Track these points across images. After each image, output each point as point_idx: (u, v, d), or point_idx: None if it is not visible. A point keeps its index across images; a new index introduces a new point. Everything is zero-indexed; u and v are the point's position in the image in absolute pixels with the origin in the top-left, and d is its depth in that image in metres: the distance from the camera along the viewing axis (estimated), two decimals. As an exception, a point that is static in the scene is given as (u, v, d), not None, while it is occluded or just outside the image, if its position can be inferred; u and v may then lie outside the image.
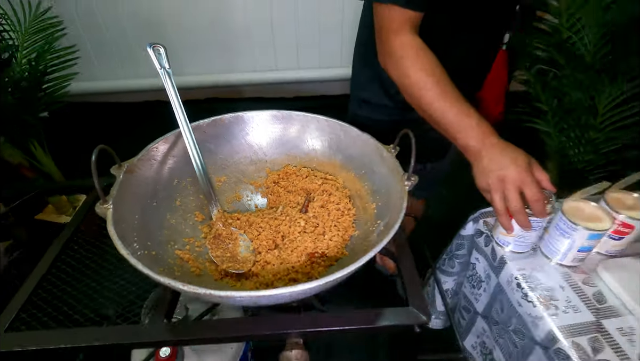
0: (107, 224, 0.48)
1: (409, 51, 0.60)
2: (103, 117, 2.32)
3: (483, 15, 0.72)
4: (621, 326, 0.54)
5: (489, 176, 0.55)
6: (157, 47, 0.63)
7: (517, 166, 0.52)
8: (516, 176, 0.52)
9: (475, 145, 0.56)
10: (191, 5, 1.98)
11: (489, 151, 0.55)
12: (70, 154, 1.59)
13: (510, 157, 0.53)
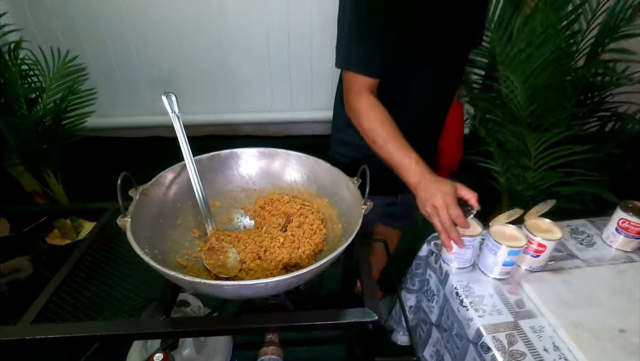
0: (127, 233, 0.62)
1: (365, 107, 0.78)
2: (109, 150, 2.48)
3: (435, 75, 0.91)
4: (533, 326, 0.68)
5: (425, 205, 0.71)
6: (170, 95, 0.80)
7: (443, 193, 0.68)
8: (442, 202, 0.68)
9: (414, 181, 0.72)
10: (196, 51, 2.23)
11: (423, 185, 0.71)
12: (77, 182, 1.73)
13: (437, 187, 0.69)
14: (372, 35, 0.77)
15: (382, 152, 0.77)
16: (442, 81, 0.92)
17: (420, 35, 0.80)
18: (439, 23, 0.81)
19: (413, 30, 0.79)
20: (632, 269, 0.78)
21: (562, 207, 1.06)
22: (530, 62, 0.96)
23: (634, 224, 0.80)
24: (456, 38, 0.85)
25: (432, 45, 0.82)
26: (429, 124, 0.99)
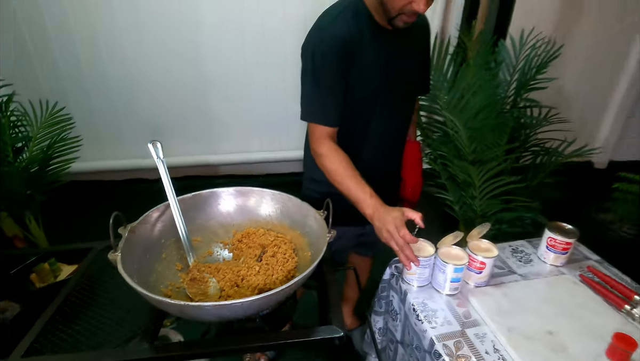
0: (118, 266, 0.70)
1: (326, 152, 0.92)
2: (89, 193, 2.52)
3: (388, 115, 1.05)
4: (477, 333, 0.78)
5: (382, 232, 0.83)
6: (155, 142, 0.90)
7: (393, 219, 0.80)
8: (393, 227, 0.80)
9: (369, 212, 0.85)
10: (177, 98, 2.37)
11: (377, 215, 0.84)
12: (57, 226, 1.76)
13: (389, 215, 0.82)
14: (327, 92, 0.92)
15: (342, 189, 0.90)
16: (394, 120, 1.08)
17: (372, 86, 0.96)
18: (388, 75, 0.97)
19: (365, 84, 0.95)
20: (560, 281, 0.91)
21: (505, 230, 1.21)
22: (468, 108, 1.15)
23: (559, 242, 0.94)
24: (403, 86, 1.02)
25: (383, 93, 0.99)
26: (387, 156, 1.14)
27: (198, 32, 2.22)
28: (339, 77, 0.92)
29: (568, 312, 0.81)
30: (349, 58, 0.91)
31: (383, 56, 0.95)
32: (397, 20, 0.87)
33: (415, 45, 1.03)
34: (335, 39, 0.88)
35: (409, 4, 0.82)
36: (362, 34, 0.91)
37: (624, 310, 0.82)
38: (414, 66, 1.05)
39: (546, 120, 1.15)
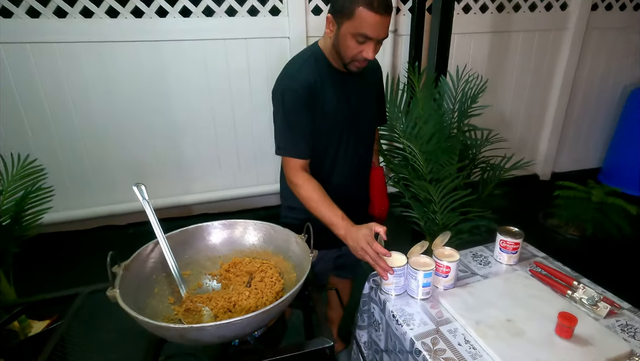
0: (119, 301, 0.74)
1: (300, 182, 1.04)
2: (55, 244, 2.42)
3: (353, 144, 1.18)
4: (450, 328, 0.88)
5: (356, 250, 0.94)
6: (140, 185, 0.97)
7: (364, 236, 0.92)
8: (365, 243, 0.91)
9: (342, 233, 0.97)
10: (147, 145, 2.42)
11: (349, 234, 0.96)
12: (25, 280, 1.70)
13: (359, 233, 0.93)
14: (298, 130, 1.06)
15: (317, 214, 1.01)
16: (358, 150, 1.22)
17: (336, 123, 1.11)
18: (349, 112, 1.12)
19: (330, 121, 1.09)
20: (514, 276, 1.04)
21: (466, 239, 1.36)
22: (421, 134, 1.32)
23: (509, 243, 1.09)
24: (363, 120, 1.17)
25: (346, 128, 1.13)
26: (355, 181, 1.27)
27: (164, 81, 2.32)
28: (307, 117, 1.06)
29: (522, 302, 0.93)
30: (315, 100, 1.05)
31: (344, 96, 1.10)
32: (351, 66, 1.03)
33: (369, 85, 1.20)
34: (302, 85, 1.03)
35: (360, 53, 0.98)
36: (323, 79, 1.06)
37: (567, 295, 0.96)
38: (370, 102, 1.21)
39: (487, 140, 1.34)
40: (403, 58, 2.66)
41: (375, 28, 0.93)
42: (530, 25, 2.83)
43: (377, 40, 0.96)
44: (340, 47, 1.00)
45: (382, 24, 0.93)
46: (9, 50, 2.04)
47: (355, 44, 0.97)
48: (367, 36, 0.94)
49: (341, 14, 0.95)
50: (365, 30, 0.93)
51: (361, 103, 1.16)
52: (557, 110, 3.15)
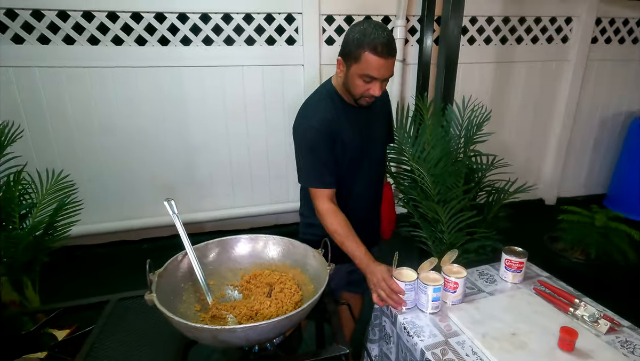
0: (156, 303, 0.82)
1: (326, 212, 1.15)
2: (69, 257, 2.51)
3: (368, 168, 1.28)
4: (458, 341, 0.94)
5: (371, 285, 1.04)
6: (170, 200, 1.06)
7: (380, 272, 1.03)
8: (381, 282, 1.02)
9: (363, 267, 1.08)
10: (165, 164, 2.54)
11: (369, 269, 1.06)
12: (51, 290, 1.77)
13: (377, 271, 1.04)
14: (322, 162, 1.16)
15: (342, 246, 1.13)
16: (373, 171, 1.31)
17: (352, 154, 1.21)
18: (363, 143, 1.22)
19: (347, 153, 1.20)
20: (518, 294, 1.10)
21: (473, 259, 1.42)
22: (429, 158, 1.41)
23: (514, 262, 1.15)
24: (375, 148, 1.27)
25: (362, 158, 1.23)
26: (371, 200, 1.36)
27: (184, 104, 2.47)
28: (328, 150, 1.16)
29: (526, 317, 0.99)
30: (333, 134, 1.16)
31: (357, 129, 1.21)
32: (361, 101, 1.14)
33: (378, 113, 1.30)
34: (321, 122, 1.14)
35: (367, 90, 1.09)
36: (339, 114, 1.17)
37: (569, 312, 1.01)
38: (380, 129, 1.32)
39: (492, 165, 1.43)
40: (410, 85, 2.79)
41: (380, 70, 1.03)
42: (533, 57, 2.97)
43: (382, 79, 1.07)
44: (349, 85, 1.11)
45: (386, 66, 1.02)
46: (43, 73, 2.21)
47: (363, 83, 1.07)
48: (373, 77, 1.04)
49: (349, 57, 1.06)
50: (370, 72, 1.03)
51: (372, 131, 1.26)
52: (560, 137, 3.24)
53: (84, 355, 0.90)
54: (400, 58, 2.62)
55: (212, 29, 2.37)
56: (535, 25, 2.90)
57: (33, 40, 2.14)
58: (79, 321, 1.63)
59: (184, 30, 2.33)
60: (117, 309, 1.09)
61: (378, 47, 0.99)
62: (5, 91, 2.17)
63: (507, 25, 2.85)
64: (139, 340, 0.98)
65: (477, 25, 2.78)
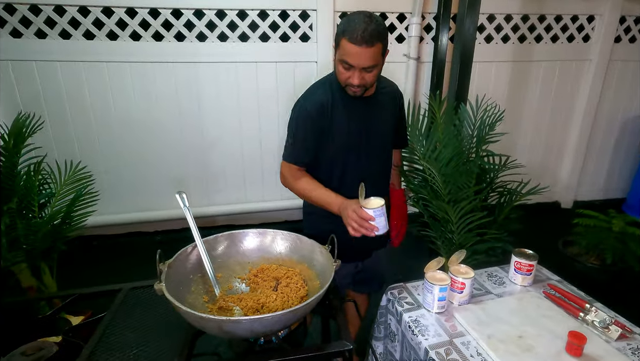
0: (164, 292, 0.84)
1: (294, 179, 1.22)
2: (89, 245, 2.58)
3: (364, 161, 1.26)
4: (463, 341, 0.93)
5: (345, 222, 1.06)
6: (182, 193, 1.08)
7: (350, 205, 1.05)
8: (352, 214, 1.03)
9: (336, 209, 1.11)
10: (180, 157, 2.58)
11: (342, 209, 1.09)
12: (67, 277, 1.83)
13: (347, 206, 1.07)
14: (300, 141, 1.20)
15: (313, 198, 1.16)
16: (373, 167, 1.29)
17: (344, 142, 1.21)
18: (359, 134, 1.22)
19: (339, 139, 1.21)
20: (527, 296, 1.08)
21: (482, 260, 1.40)
22: (440, 157, 1.39)
23: (524, 265, 1.14)
24: (373, 144, 1.26)
25: (357, 142, 1.23)
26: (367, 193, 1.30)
27: (198, 99, 2.50)
28: (314, 134, 1.19)
29: (534, 320, 0.98)
30: (324, 118, 1.18)
31: (354, 119, 1.21)
32: (347, 90, 1.15)
33: (385, 109, 1.29)
34: (315, 105, 1.17)
35: (348, 78, 1.11)
36: (335, 101, 1.19)
37: (579, 317, 0.99)
38: (384, 125, 1.29)
39: (505, 166, 1.40)
40: (424, 83, 2.76)
41: (355, 57, 1.04)
42: (552, 56, 2.90)
43: (361, 68, 1.07)
44: (336, 72, 1.15)
45: (362, 54, 1.03)
46: (64, 67, 2.27)
47: (343, 70, 1.09)
48: (350, 64, 1.06)
49: (336, 44, 1.10)
50: (347, 59, 1.05)
51: (373, 125, 1.25)
52: (578, 139, 3.15)
53: (96, 341, 0.93)
54: (414, 56, 2.59)
55: (227, 25, 2.39)
56: (555, 24, 2.82)
57: (55, 35, 2.21)
58: (93, 308, 1.69)
59: (200, 26, 2.36)
60: (128, 297, 1.13)
61: (355, 34, 1.01)
62: (27, 83, 2.25)
63: (526, 24, 2.78)
64: (148, 328, 1.01)
65: (495, 23, 2.72)
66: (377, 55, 1.07)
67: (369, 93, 1.21)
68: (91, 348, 0.90)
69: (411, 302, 1.09)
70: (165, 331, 1.01)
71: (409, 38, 2.60)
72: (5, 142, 1.47)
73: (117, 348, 0.93)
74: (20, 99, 2.27)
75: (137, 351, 0.92)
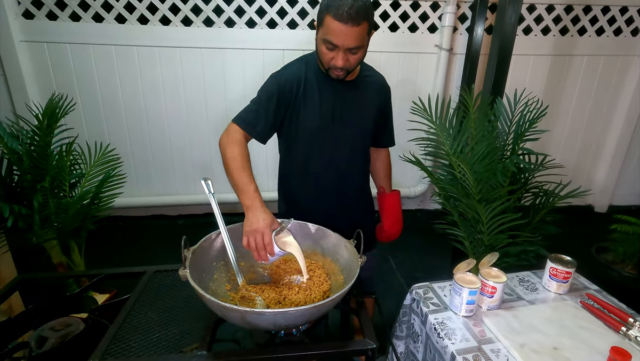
0: (189, 279, 0.83)
1: (231, 143, 1.07)
2: (114, 226, 2.66)
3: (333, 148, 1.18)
4: (493, 348, 0.89)
5: (245, 227, 0.95)
6: (207, 180, 1.06)
7: (264, 222, 0.93)
8: (255, 233, 0.93)
9: (247, 204, 0.97)
10: (210, 145, 2.60)
11: (252, 210, 0.96)
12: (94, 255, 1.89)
13: (260, 220, 0.94)
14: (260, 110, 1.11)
15: (234, 175, 1.03)
16: (343, 157, 1.21)
17: (314, 122, 1.14)
18: (333, 118, 1.15)
19: (309, 118, 1.14)
20: (563, 305, 1.02)
21: (512, 264, 1.33)
22: (472, 154, 1.32)
23: (560, 271, 1.07)
24: (349, 127, 1.18)
25: (327, 127, 1.16)
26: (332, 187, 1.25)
27: (224, 84, 2.50)
28: (275, 104, 1.11)
29: (570, 332, 0.92)
30: (294, 94, 1.12)
31: (328, 100, 1.14)
32: (330, 73, 1.08)
33: (366, 99, 1.20)
34: (288, 79, 1.11)
35: (331, 60, 1.03)
36: (308, 79, 1.12)
37: (621, 331, 0.92)
38: (362, 116, 1.19)
39: (542, 165, 1.32)
40: (455, 76, 2.65)
41: (339, 36, 0.96)
42: (596, 50, 2.72)
43: (345, 48, 0.99)
44: (318, 52, 1.07)
45: (347, 33, 0.96)
46: (97, 50, 2.31)
47: (326, 51, 1.02)
48: (333, 44, 0.98)
49: (318, 21, 1.01)
50: (330, 38, 0.98)
51: (347, 110, 1.17)
52: (619, 139, 2.97)
53: (121, 321, 0.94)
54: (447, 47, 2.49)
55: (255, 11, 2.36)
56: (602, 15, 2.64)
57: (88, 18, 2.24)
58: (118, 287, 1.74)
59: (229, 12, 2.34)
60: (152, 280, 1.14)
61: (340, 10, 0.93)
62: (61, 65, 2.30)
63: (570, 15, 2.61)
64: (171, 311, 1.02)
65: (535, 13, 2.57)
66: (363, 35, 0.99)
67: (349, 78, 1.15)
68: (116, 328, 0.92)
69: (437, 303, 1.05)
70: (187, 316, 1.02)
71: (441, 28, 2.50)
72: (39, 122, 1.51)
73: (140, 330, 0.94)
74: (54, 81, 2.33)
75: (159, 334, 0.93)
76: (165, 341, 0.91)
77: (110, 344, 0.87)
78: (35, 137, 1.51)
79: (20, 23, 2.19)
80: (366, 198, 1.36)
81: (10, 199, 1.44)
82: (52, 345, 0.97)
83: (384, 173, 1.38)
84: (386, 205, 1.34)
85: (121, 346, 0.88)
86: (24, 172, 1.49)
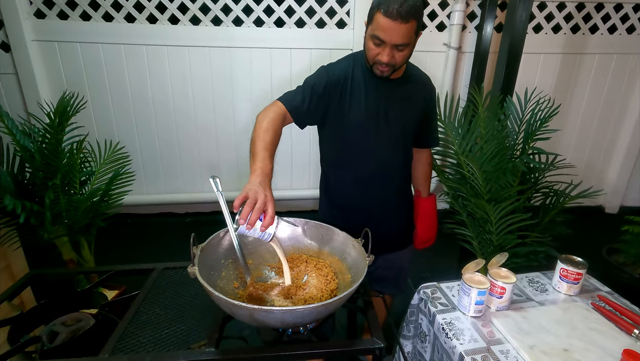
0: (198, 276, 0.84)
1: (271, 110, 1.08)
2: (122, 224, 2.69)
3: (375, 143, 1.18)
4: (502, 349, 0.88)
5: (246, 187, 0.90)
6: (215, 178, 1.06)
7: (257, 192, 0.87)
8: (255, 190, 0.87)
9: (253, 170, 0.93)
10: (218, 143, 2.62)
11: (254, 177, 0.91)
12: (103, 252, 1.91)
13: (257, 184, 0.88)
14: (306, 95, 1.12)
15: (256, 143, 0.99)
16: (384, 152, 1.21)
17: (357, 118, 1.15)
18: (378, 116, 1.16)
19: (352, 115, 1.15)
20: (573, 307, 1.01)
21: (522, 264, 1.32)
22: (481, 154, 1.31)
23: (571, 272, 1.06)
24: (393, 126, 1.19)
25: (370, 126, 1.17)
26: (368, 185, 1.25)
27: (231, 83, 2.51)
28: (320, 91, 1.12)
29: (581, 334, 0.90)
30: (341, 88, 1.14)
31: (374, 97, 1.15)
32: (374, 69, 1.09)
33: (412, 98, 1.20)
34: (334, 70, 1.16)
35: (377, 55, 1.05)
36: (355, 76, 1.15)
37: (633, 334, 0.91)
38: (407, 115, 1.20)
39: (553, 165, 1.30)
40: (464, 74, 2.63)
41: (388, 32, 0.99)
42: (608, 48, 2.67)
43: (392, 44, 1.02)
44: (365, 49, 1.09)
45: (395, 30, 0.98)
46: (107, 49, 2.33)
47: (373, 46, 1.04)
48: (381, 39, 1.01)
49: (368, 18, 1.05)
50: (378, 33, 1.00)
51: (392, 108, 1.18)
52: (631, 139, 2.92)
53: (130, 317, 0.95)
54: (455, 45, 2.47)
55: (263, 10, 2.37)
56: (614, 13, 2.59)
57: (98, 18, 2.26)
58: (127, 283, 1.76)
59: (237, 10, 2.35)
60: (161, 277, 1.15)
61: (390, 7, 0.97)
62: (72, 64, 2.33)
63: (581, 12, 2.57)
64: (179, 308, 1.03)
65: (546, 11, 2.54)
66: (410, 32, 1.01)
67: (395, 76, 1.15)
68: (125, 324, 0.93)
69: (445, 303, 1.04)
70: (195, 313, 1.02)
71: (450, 26, 2.48)
72: (50, 120, 1.53)
73: (149, 326, 0.95)
74: (65, 79, 2.36)
75: (167, 330, 0.93)
76: (173, 338, 0.91)
77: (120, 339, 0.88)
78: (46, 135, 1.54)
79: (32, 22, 2.22)
80: (406, 198, 1.35)
81: (22, 196, 1.46)
82: (63, 340, 0.98)
83: (422, 175, 1.35)
84: (421, 210, 1.32)
85: (130, 341, 0.89)
86: (36, 169, 1.51)
